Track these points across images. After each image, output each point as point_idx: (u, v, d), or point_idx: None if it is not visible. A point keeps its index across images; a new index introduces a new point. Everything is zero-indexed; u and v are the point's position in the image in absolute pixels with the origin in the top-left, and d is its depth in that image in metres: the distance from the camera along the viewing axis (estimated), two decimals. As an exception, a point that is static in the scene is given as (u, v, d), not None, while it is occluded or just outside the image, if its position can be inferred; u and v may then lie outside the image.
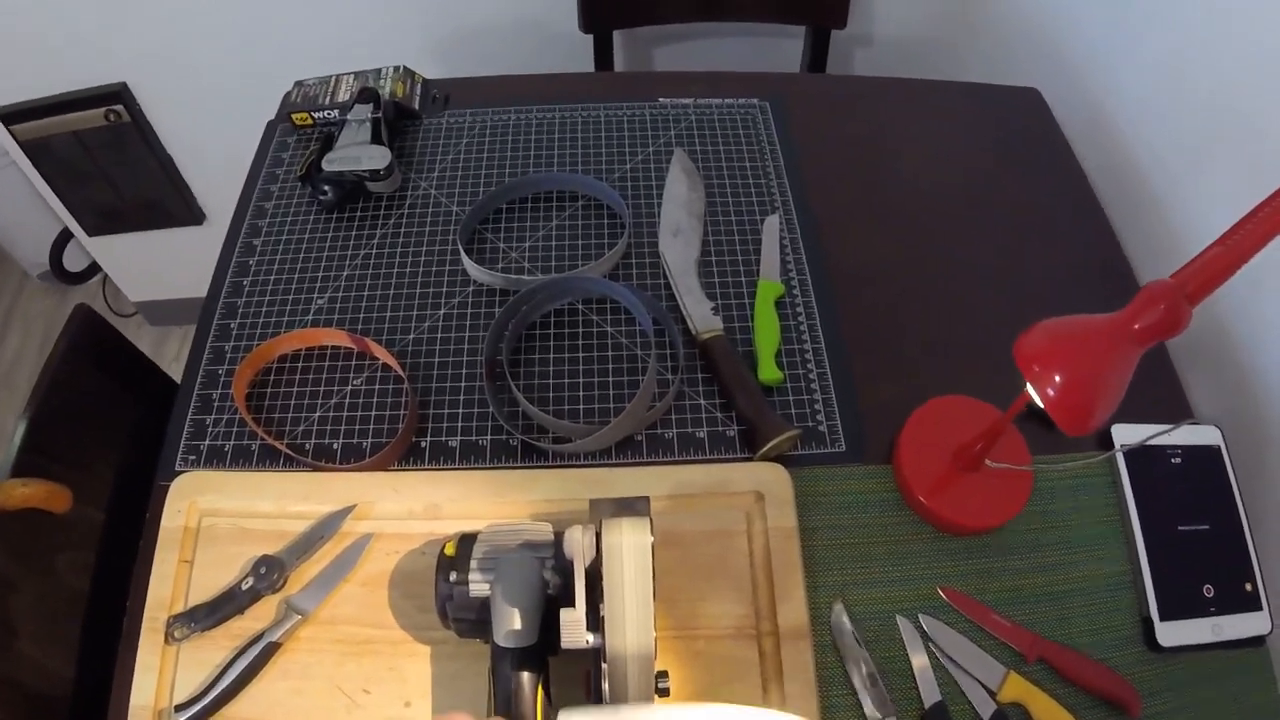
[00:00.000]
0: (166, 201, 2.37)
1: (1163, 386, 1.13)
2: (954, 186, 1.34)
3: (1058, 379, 0.72)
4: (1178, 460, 1.05)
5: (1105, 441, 1.06)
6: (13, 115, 2.08)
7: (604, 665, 0.72)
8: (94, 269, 2.96)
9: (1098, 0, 1.41)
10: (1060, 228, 1.29)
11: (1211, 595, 0.97)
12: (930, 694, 0.91)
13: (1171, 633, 0.94)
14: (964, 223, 1.29)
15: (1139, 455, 1.04)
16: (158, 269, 2.65)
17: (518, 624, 0.78)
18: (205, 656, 0.92)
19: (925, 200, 1.32)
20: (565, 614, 0.72)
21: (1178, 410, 1.11)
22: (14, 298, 3.07)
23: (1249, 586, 0.98)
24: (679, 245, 1.22)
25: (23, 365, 2.89)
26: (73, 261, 2.90)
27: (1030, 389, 0.75)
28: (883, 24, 1.96)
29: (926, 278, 1.22)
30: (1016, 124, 1.44)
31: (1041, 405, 0.74)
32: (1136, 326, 0.70)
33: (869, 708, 0.90)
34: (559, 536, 0.84)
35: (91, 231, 2.47)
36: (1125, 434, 1.04)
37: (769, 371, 1.09)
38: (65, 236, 2.79)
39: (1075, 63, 1.48)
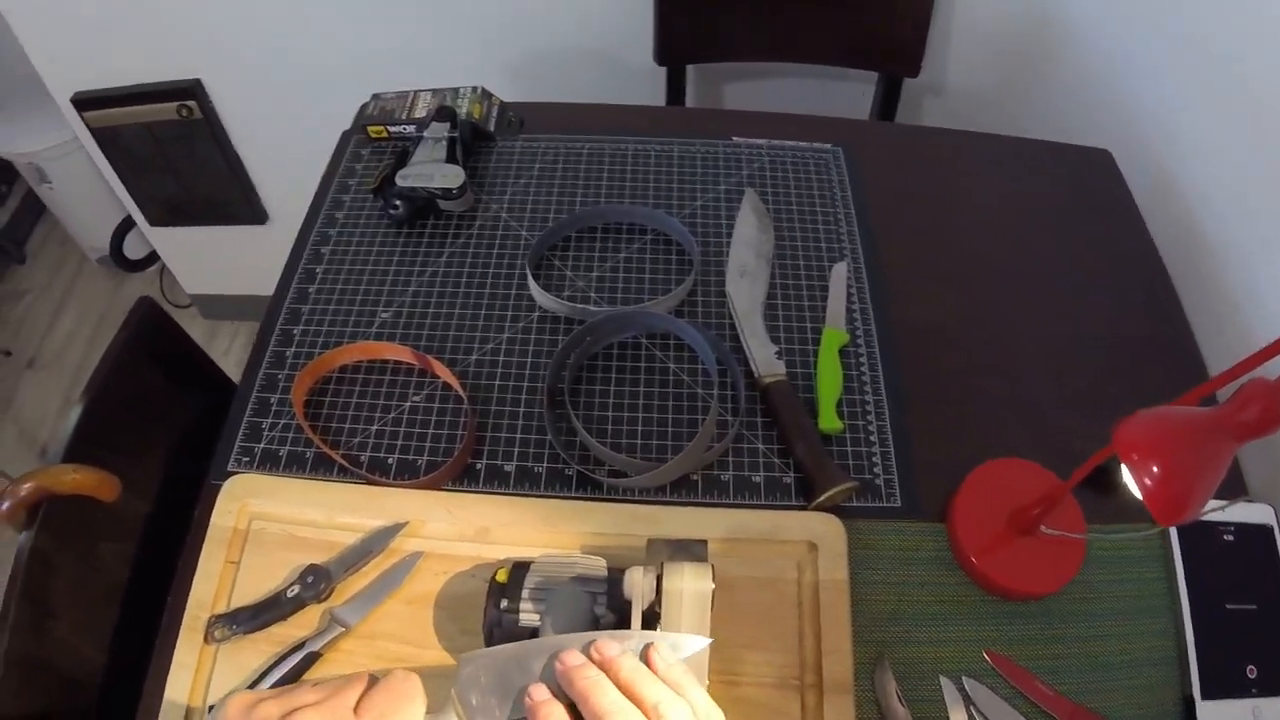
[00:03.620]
0: (231, 199, 2.40)
1: (1221, 464, 1.11)
2: (1021, 245, 1.33)
3: (1156, 469, 0.71)
4: (1230, 537, 1.03)
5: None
6: (86, 102, 2.12)
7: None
8: (153, 258, 3.00)
9: (1173, 65, 1.41)
10: (1126, 296, 1.27)
11: (1254, 676, 0.95)
12: (969, 759, 0.90)
13: (1212, 713, 0.92)
14: (1029, 283, 1.28)
15: (1192, 530, 1.02)
16: (216, 264, 2.69)
17: (566, 658, 0.77)
18: (243, 660, 0.92)
19: (991, 257, 1.31)
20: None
21: (1233, 487, 1.10)
22: (72, 280, 3.12)
23: (1293, 669, 0.96)
24: (746, 286, 1.22)
25: (74, 347, 2.93)
26: (133, 249, 2.95)
27: (1128, 477, 0.75)
28: (955, 74, 1.96)
29: (989, 336, 1.21)
30: (1087, 185, 1.43)
31: (1139, 494, 0.73)
32: (1237, 421, 0.69)
33: (907, 768, 0.89)
34: (612, 572, 0.84)
35: (154, 221, 2.51)
36: (1180, 509, 1.03)
37: (829, 420, 1.08)
38: (127, 224, 2.84)
39: (1148, 127, 1.47)
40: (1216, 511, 0.93)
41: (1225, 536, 1.03)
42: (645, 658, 0.69)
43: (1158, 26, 1.46)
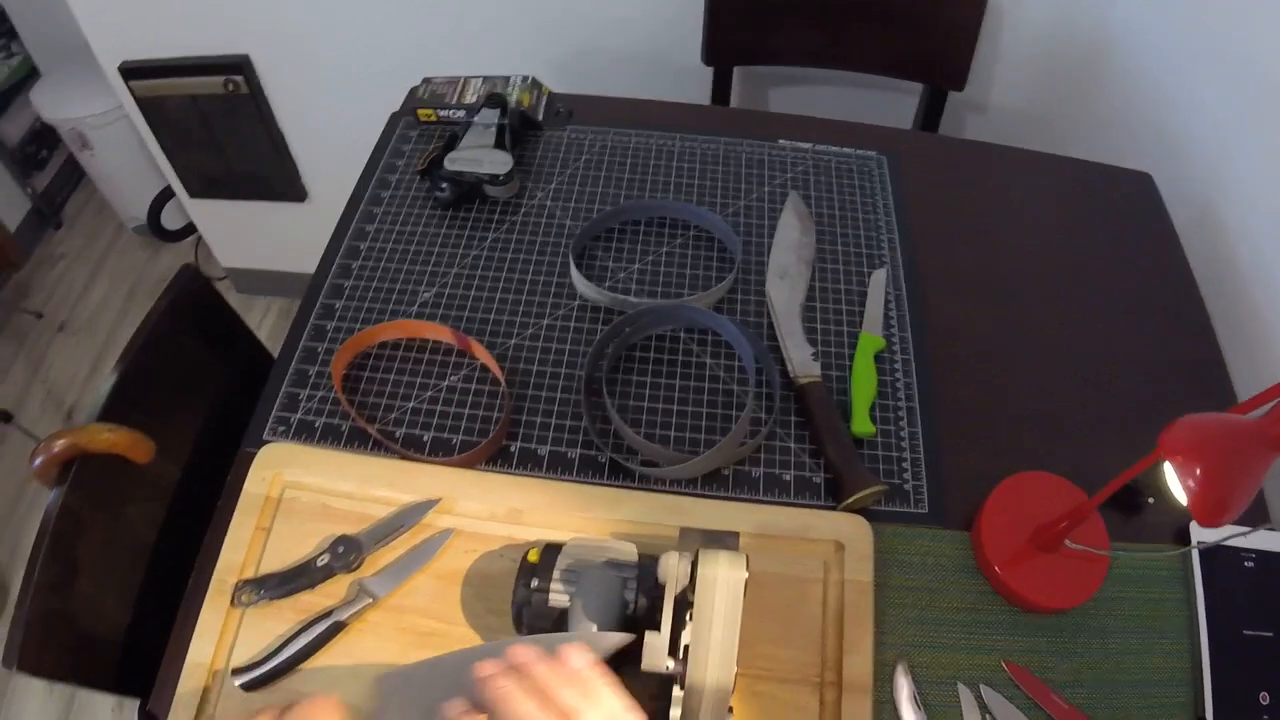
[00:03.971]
0: (272, 175, 2.42)
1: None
2: (1058, 262, 1.33)
3: (1199, 471, 0.72)
4: (1250, 564, 1.03)
5: (1182, 536, 1.05)
6: (134, 71, 2.13)
7: (675, 692, 0.72)
8: (189, 230, 3.01)
9: (1219, 93, 1.41)
10: (1160, 319, 1.28)
11: (1266, 703, 0.95)
12: (983, 766, 0.90)
13: (1223, 735, 0.93)
14: (1064, 301, 1.28)
15: (1213, 555, 1.03)
16: (253, 239, 2.71)
17: (594, 639, 0.78)
18: (268, 626, 0.94)
19: (1028, 273, 1.31)
20: (650, 636, 0.72)
21: (1256, 514, 1.10)
22: (107, 247, 3.15)
23: (1305, 699, 0.97)
24: (786, 288, 1.23)
25: (106, 314, 2.95)
26: (170, 220, 2.97)
27: (1172, 478, 0.76)
28: (999, 91, 1.96)
29: (1023, 350, 1.22)
30: (1126, 207, 1.43)
31: (1182, 496, 0.74)
32: (1276, 433, 0.70)
33: (920, 771, 0.90)
34: (643, 559, 0.85)
35: (193, 193, 2.52)
36: (1203, 532, 1.04)
37: (862, 424, 1.09)
38: (166, 195, 2.85)
39: (1189, 153, 1.47)
40: (1239, 537, 0.93)
41: (1246, 563, 1.03)
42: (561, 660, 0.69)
43: (1206, 52, 1.46)
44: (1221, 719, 0.94)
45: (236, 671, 0.90)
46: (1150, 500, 1.06)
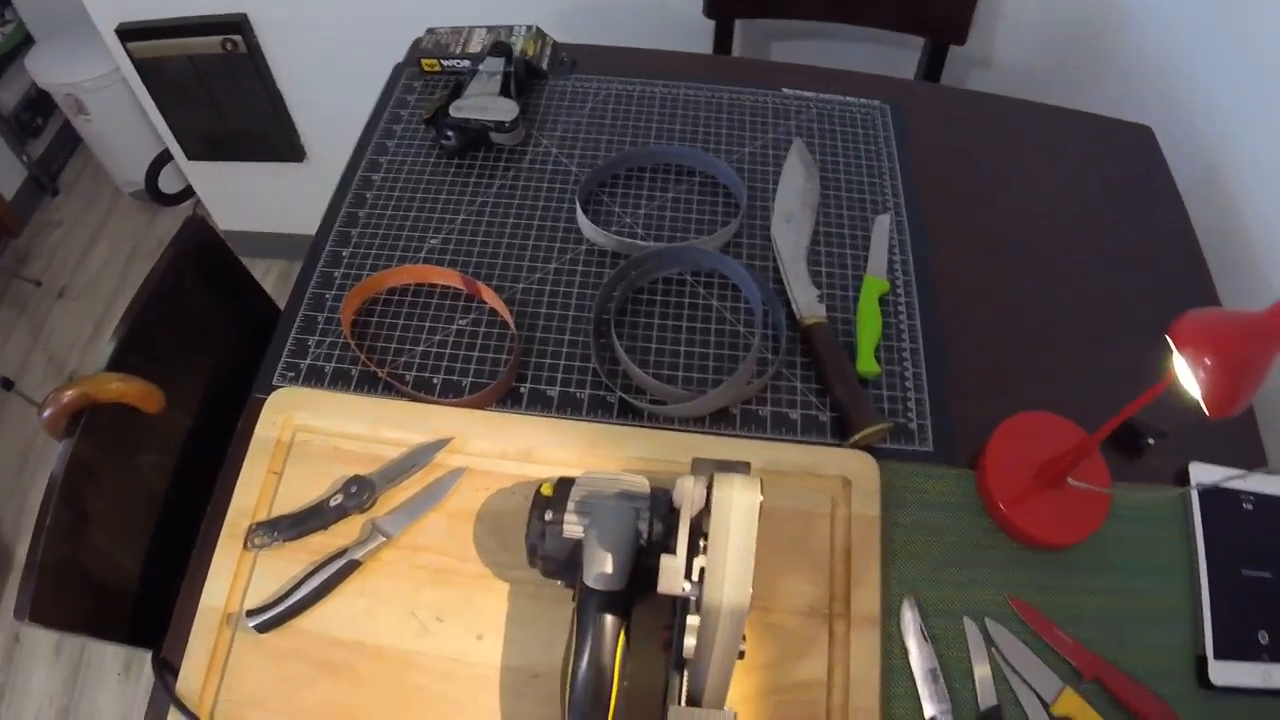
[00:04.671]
0: (270, 135, 2.41)
1: (1243, 432, 1.12)
2: (1059, 213, 1.34)
3: (1208, 361, 0.74)
4: (1249, 506, 1.04)
5: (1182, 478, 1.06)
6: (131, 33, 2.13)
7: (690, 619, 0.73)
8: (187, 193, 3.02)
9: (1223, 52, 1.41)
10: (1160, 272, 1.28)
11: (1266, 642, 0.96)
12: (987, 698, 0.91)
13: (1223, 672, 0.94)
14: (1065, 250, 1.29)
15: (1213, 496, 1.04)
16: (251, 201, 2.70)
17: (609, 568, 0.80)
18: (282, 567, 0.95)
19: (1030, 222, 1.32)
20: (665, 559, 0.73)
21: (1255, 458, 1.11)
22: (105, 213, 3.14)
23: (1303, 638, 0.98)
24: (791, 232, 1.23)
25: (105, 279, 2.95)
26: (168, 184, 2.97)
27: (1183, 369, 0.77)
28: (1001, 45, 1.95)
29: (1024, 296, 1.22)
30: (1127, 161, 1.44)
31: (1193, 386, 0.76)
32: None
33: (927, 703, 0.91)
34: (655, 491, 0.86)
35: (191, 156, 2.52)
36: (1202, 473, 1.05)
37: (867, 364, 1.10)
38: (163, 158, 2.85)
39: (1192, 109, 1.48)
40: (1237, 479, 0.94)
41: (1245, 505, 1.04)
42: None
43: (1209, 5, 1.46)
44: (1221, 657, 0.95)
45: (251, 613, 0.90)
46: (1151, 441, 1.07)
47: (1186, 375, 0.77)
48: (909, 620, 0.95)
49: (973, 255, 1.26)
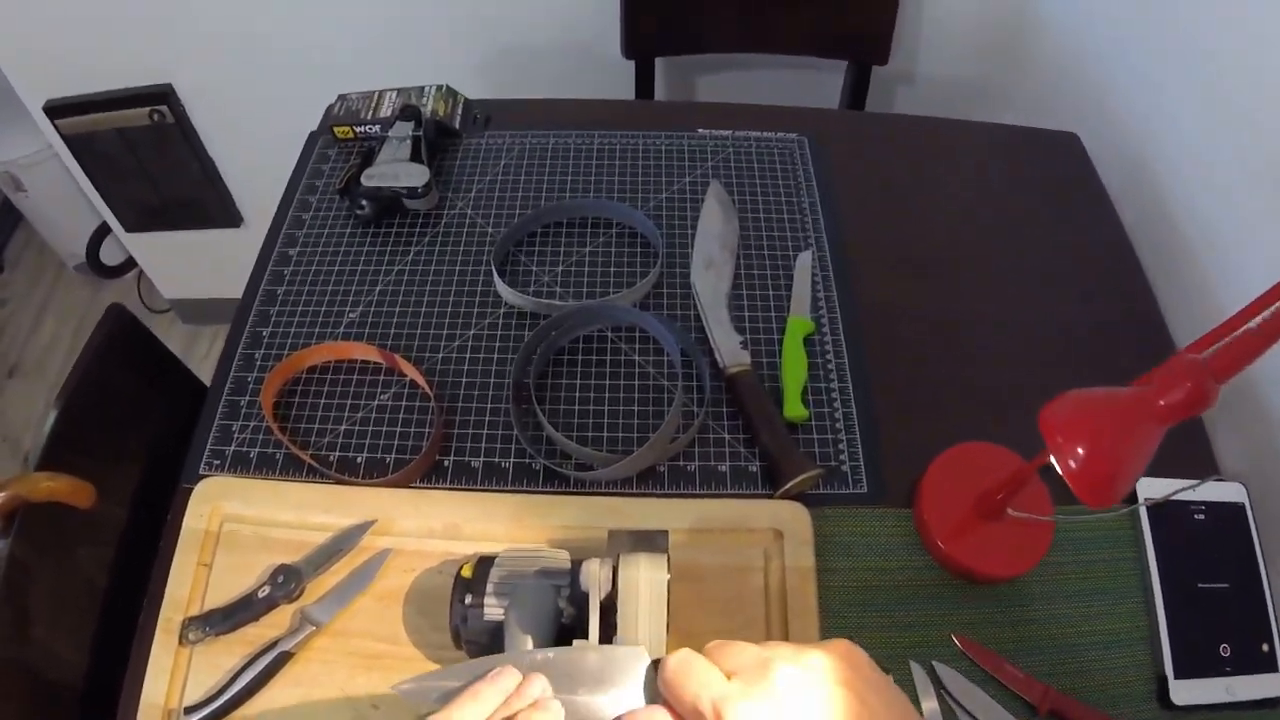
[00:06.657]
0: (205, 202, 2.40)
1: (1190, 442, 1.12)
2: (989, 230, 1.33)
3: (1080, 451, 0.72)
4: (1201, 517, 1.04)
5: (1129, 495, 1.05)
6: (59, 109, 2.11)
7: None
8: (130, 264, 2.99)
9: (1143, 47, 1.41)
10: (1095, 278, 1.28)
11: (1228, 655, 0.95)
12: (939, 742, 0.90)
13: (1185, 691, 0.93)
14: (997, 268, 1.28)
15: (1163, 510, 1.03)
16: (193, 268, 2.68)
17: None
18: (218, 660, 0.93)
19: (959, 243, 1.31)
20: (578, 644, 0.72)
21: (1204, 466, 1.10)
22: (50, 288, 3.11)
23: (1265, 647, 0.97)
24: (711, 278, 1.22)
25: (55, 354, 2.93)
26: (110, 256, 2.95)
27: (1053, 459, 0.75)
28: (925, 62, 1.96)
29: (957, 322, 1.22)
30: (1055, 170, 1.44)
31: (1063, 475, 0.74)
32: (1162, 404, 0.69)
33: (876, 752, 0.90)
34: (576, 565, 0.85)
35: (130, 227, 2.50)
36: (1150, 488, 1.03)
37: (795, 409, 1.09)
38: (103, 231, 2.83)
39: (1117, 111, 1.48)
40: (1187, 491, 0.93)
41: (1196, 516, 1.04)
42: None
43: (1128, 5, 1.46)
44: (1182, 675, 0.94)
45: (189, 710, 0.89)
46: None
47: (1058, 466, 0.75)
48: (852, 668, 0.93)
49: (901, 283, 1.26)
